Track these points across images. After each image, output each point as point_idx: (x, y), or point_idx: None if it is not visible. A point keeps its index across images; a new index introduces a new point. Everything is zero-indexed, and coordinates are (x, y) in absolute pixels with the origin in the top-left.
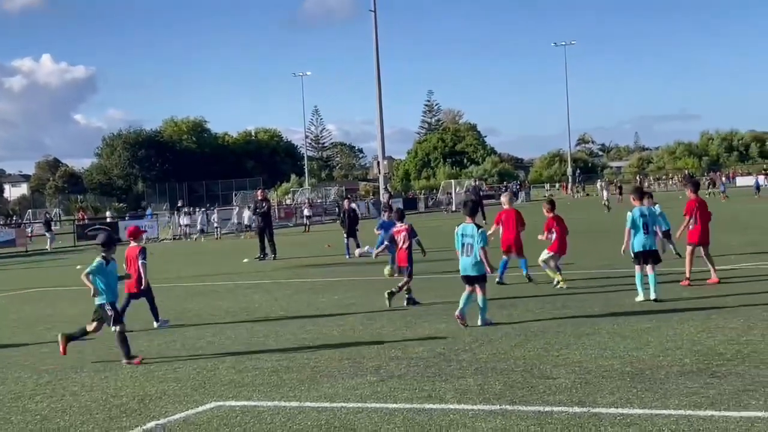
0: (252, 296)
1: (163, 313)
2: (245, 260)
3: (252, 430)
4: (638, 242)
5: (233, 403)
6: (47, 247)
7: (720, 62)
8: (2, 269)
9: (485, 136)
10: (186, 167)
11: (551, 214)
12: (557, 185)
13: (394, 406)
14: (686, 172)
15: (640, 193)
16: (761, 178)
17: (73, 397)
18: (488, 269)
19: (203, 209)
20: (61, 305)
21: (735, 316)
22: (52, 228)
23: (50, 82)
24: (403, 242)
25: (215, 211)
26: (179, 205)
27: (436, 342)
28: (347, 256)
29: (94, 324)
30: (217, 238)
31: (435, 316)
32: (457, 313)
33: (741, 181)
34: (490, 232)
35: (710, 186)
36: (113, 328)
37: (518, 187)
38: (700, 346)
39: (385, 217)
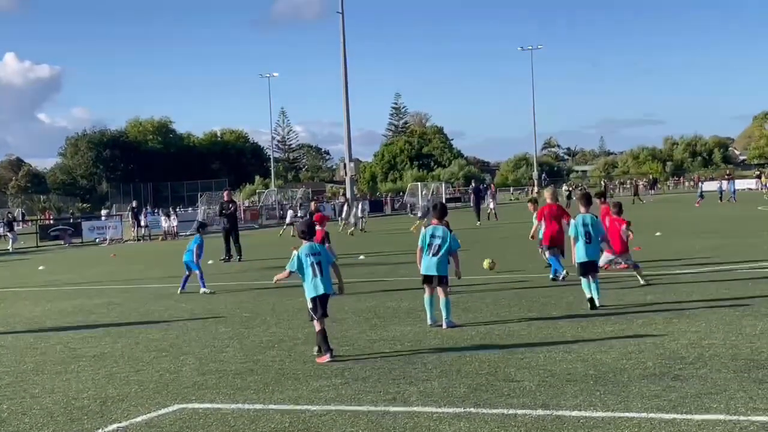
0: (216, 298)
1: (126, 315)
2: (210, 262)
3: None
4: (580, 252)
5: (196, 405)
6: (9, 248)
7: (684, 68)
8: None
9: (452, 139)
10: (151, 167)
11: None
12: (524, 189)
13: (359, 408)
14: (650, 176)
15: (587, 200)
16: (725, 183)
17: (33, 400)
18: (458, 274)
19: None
20: (22, 306)
21: (697, 320)
22: (15, 228)
23: (14, 81)
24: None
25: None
26: (133, 205)
27: (401, 344)
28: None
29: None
30: (159, 240)
31: (400, 318)
32: (429, 323)
33: (707, 186)
34: (534, 228)
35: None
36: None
37: (486, 188)
38: (663, 349)
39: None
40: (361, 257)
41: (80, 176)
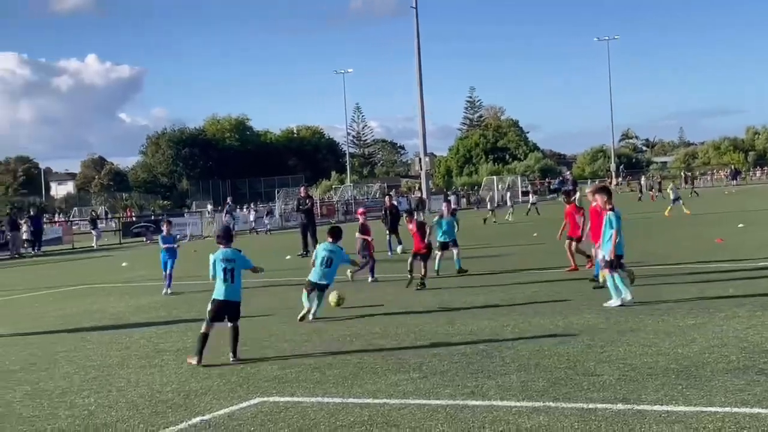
0: (295, 293)
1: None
2: (287, 257)
3: (296, 425)
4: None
5: (277, 398)
6: (93, 245)
7: (765, 56)
8: (49, 266)
9: (527, 132)
10: (229, 165)
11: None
12: (603, 181)
13: (437, 402)
14: (732, 167)
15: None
16: None
17: (119, 393)
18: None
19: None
20: (106, 301)
21: None
22: (98, 225)
23: (96, 81)
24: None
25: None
26: (229, 202)
27: (478, 338)
28: (389, 254)
29: None
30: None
31: (477, 312)
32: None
33: None
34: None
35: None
36: None
37: (562, 182)
38: (746, 342)
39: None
40: (438, 252)
41: (161, 174)
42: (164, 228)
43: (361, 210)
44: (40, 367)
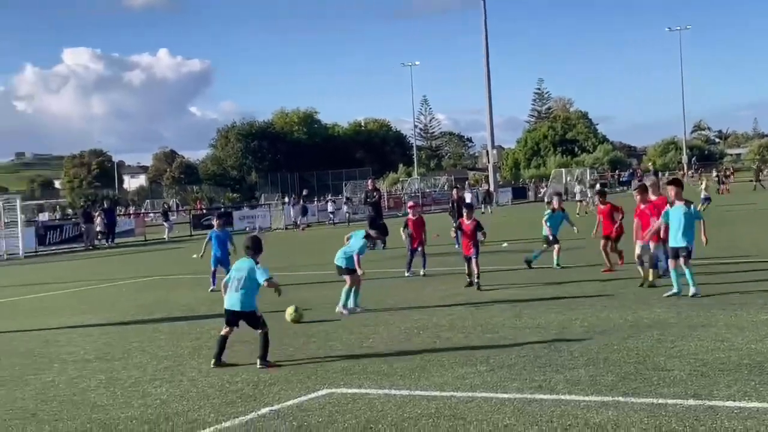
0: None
1: (276, 302)
2: None
3: (363, 417)
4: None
5: (345, 390)
6: (165, 236)
7: None
8: (122, 258)
9: (597, 124)
10: (297, 157)
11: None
12: (666, 174)
13: (504, 395)
14: None
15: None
16: None
17: (190, 383)
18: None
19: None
20: (178, 293)
21: None
22: (170, 218)
23: (167, 75)
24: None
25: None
26: (304, 194)
27: (546, 332)
28: (457, 246)
29: None
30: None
31: (545, 306)
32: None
33: None
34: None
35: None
36: None
37: (632, 175)
38: None
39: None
40: (505, 245)
41: (230, 167)
42: (215, 223)
43: (411, 204)
44: (114, 356)
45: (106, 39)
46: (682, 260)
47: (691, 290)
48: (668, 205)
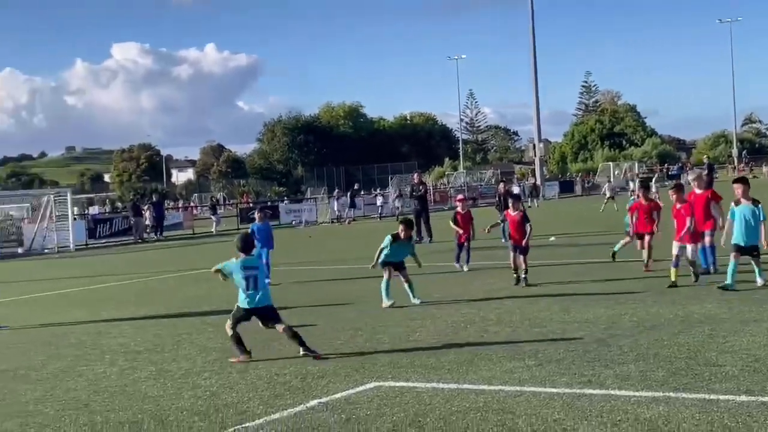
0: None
1: (322, 296)
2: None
3: (411, 410)
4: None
5: (392, 383)
6: (213, 230)
7: None
8: (171, 251)
9: (645, 118)
10: (343, 151)
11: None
12: (723, 167)
13: (553, 390)
14: None
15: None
16: None
17: (239, 375)
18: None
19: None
20: (225, 285)
21: None
22: (218, 211)
23: (214, 70)
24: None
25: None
26: (355, 188)
27: (595, 327)
28: (503, 240)
29: None
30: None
31: (593, 301)
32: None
33: None
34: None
35: None
36: None
37: (681, 168)
38: None
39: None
40: (552, 239)
41: (276, 161)
42: (257, 216)
43: (459, 197)
44: (164, 348)
45: (154, 34)
46: (753, 259)
47: (759, 281)
48: (733, 203)
